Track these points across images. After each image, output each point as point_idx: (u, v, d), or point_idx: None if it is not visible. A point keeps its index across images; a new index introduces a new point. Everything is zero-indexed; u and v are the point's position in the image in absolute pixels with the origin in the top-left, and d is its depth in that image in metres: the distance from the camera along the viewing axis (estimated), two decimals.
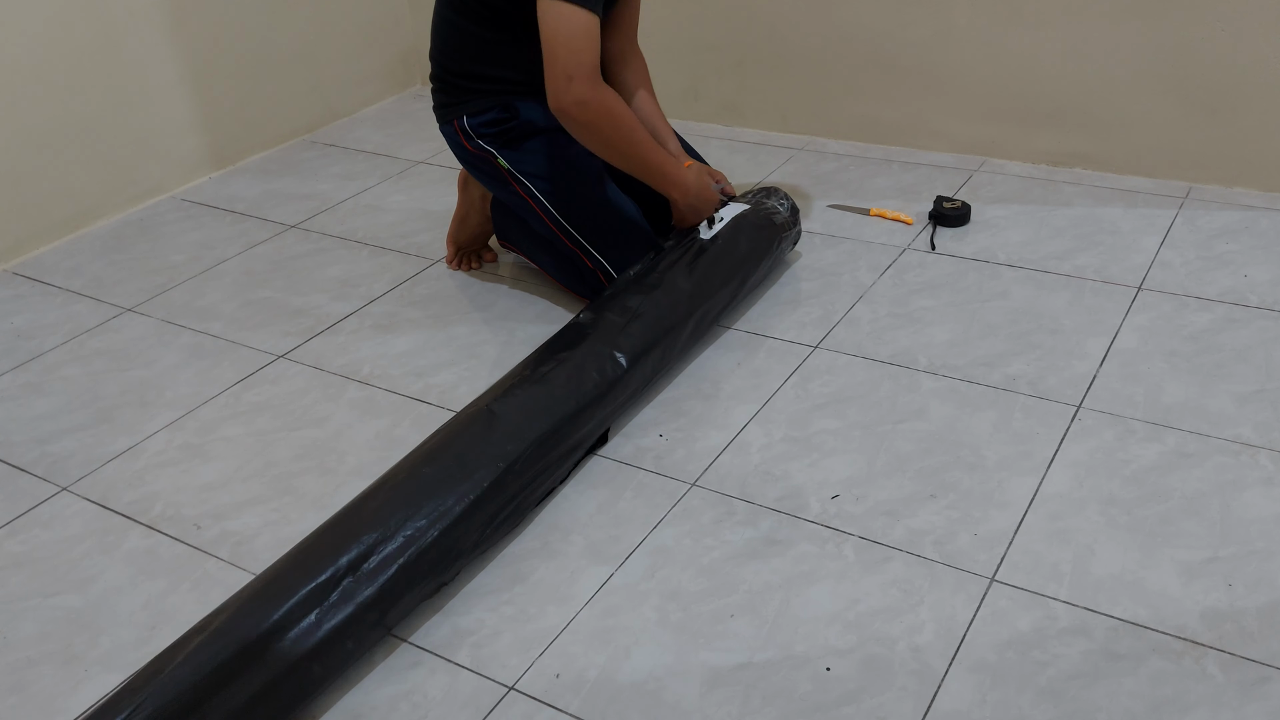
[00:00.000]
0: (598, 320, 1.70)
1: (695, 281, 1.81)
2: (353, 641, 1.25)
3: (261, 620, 1.21)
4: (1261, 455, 1.55)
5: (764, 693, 1.24)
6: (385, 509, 1.35)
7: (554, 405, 1.53)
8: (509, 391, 1.55)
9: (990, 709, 1.21)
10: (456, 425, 1.50)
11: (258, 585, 1.27)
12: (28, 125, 2.35)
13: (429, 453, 1.45)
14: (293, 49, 2.87)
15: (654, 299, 1.75)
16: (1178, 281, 1.99)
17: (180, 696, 1.14)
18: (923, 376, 1.77)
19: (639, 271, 1.83)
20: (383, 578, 1.28)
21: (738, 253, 1.91)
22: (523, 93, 1.91)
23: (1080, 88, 2.37)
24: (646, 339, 1.69)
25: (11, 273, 2.34)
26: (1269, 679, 1.22)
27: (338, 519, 1.36)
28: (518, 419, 1.49)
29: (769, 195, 2.06)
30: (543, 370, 1.59)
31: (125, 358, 1.99)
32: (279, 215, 2.52)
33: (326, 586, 1.25)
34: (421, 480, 1.39)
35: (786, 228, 2.03)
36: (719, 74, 2.77)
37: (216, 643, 1.19)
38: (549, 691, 1.27)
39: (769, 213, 2.01)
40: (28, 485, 1.68)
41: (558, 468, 1.53)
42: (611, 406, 1.63)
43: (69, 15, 2.37)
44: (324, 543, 1.31)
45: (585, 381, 1.59)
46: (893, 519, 1.48)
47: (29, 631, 1.41)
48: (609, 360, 1.63)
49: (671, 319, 1.75)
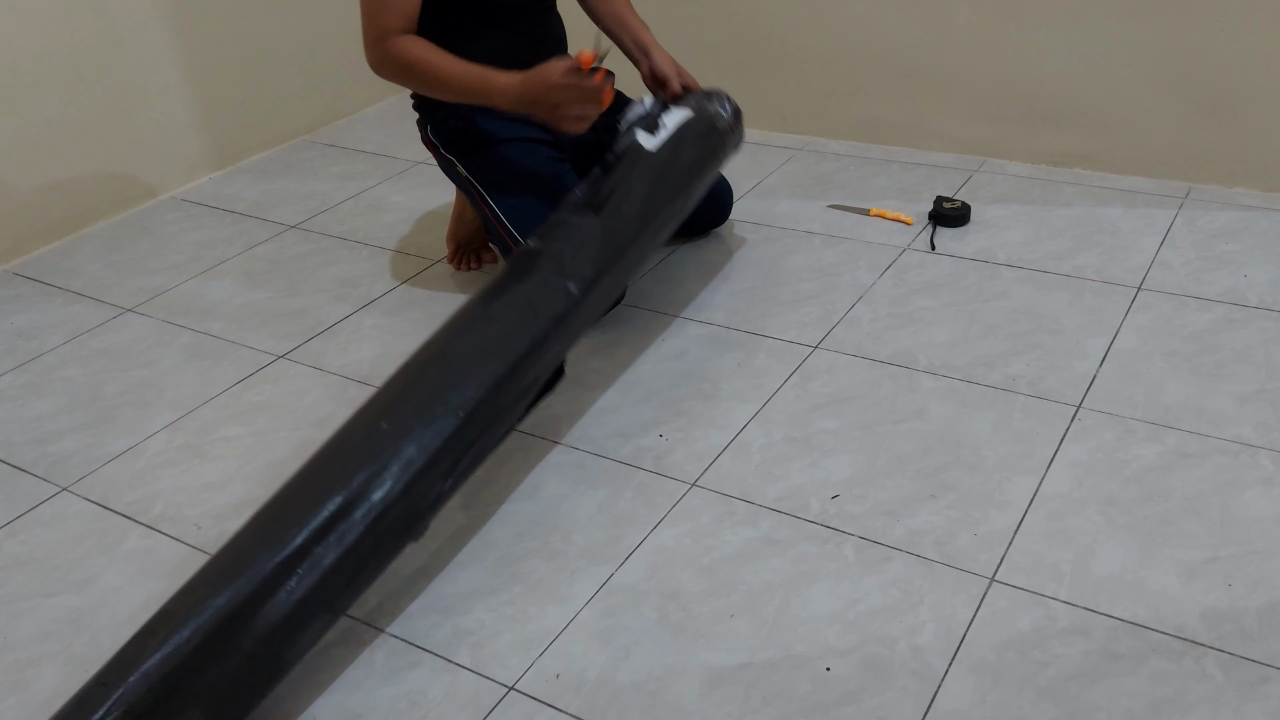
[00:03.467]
0: (546, 249, 1.62)
1: (642, 199, 1.74)
2: (325, 610, 1.22)
3: (234, 599, 1.16)
4: (1261, 455, 1.55)
5: (764, 693, 1.25)
6: (348, 469, 1.28)
7: (508, 344, 1.47)
8: (461, 333, 1.47)
9: (990, 709, 1.21)
10: (411, 373, 1.43)
11: (225, 563, 1.21)
12: (28, 125, 2.35)
13: (385, 406, 1.37)
14: (293, 49, 2.87)
15: (602, 221, 1.67)
16: (1177, 281, 1.99)
17: (154, 689, 1.10)
18: (923, 376, 1.77)
19: (585, 192, 1.75)
20: (350, 539, 1.23)
21: (682, 164, 1.83)
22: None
23: (1080, 88, 2.37)
24: (598, 264, 1.62)
25: (12, 273, 2.34)
26: (1269, 679, 1.22)
27: (300, 481, 1.30)
28: (473, 362, 1.43)
29: (710, 99, 1.98)
30: (494, 307, 1.52)
31: (125, 358, 1.99)
32: (279, 215, 2.52)
33: (295, 558, 1.20)
34: (382, 435, 1.32)
35: (729, 133, 1.96)
36: (719, 74, 2.77)
37: (189, 628, 1.14)
38: (549, 691, 1.27)
39: (711, 119, 1.93)
40: (28, 485, 1.68)
41: (517, 407, 1.48)
42: (567, 339, 1.57)
43: (70, 15, 2.37)
44: (288, 510, 1.25)
45: (539, 316, 1.52)
46: (893, 519, 1.48)
47: (29, 631, 1.41)
48: (561, 292, 1.57)
49: (621, 241, 1.68)
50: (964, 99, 2.51)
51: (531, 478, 1.61)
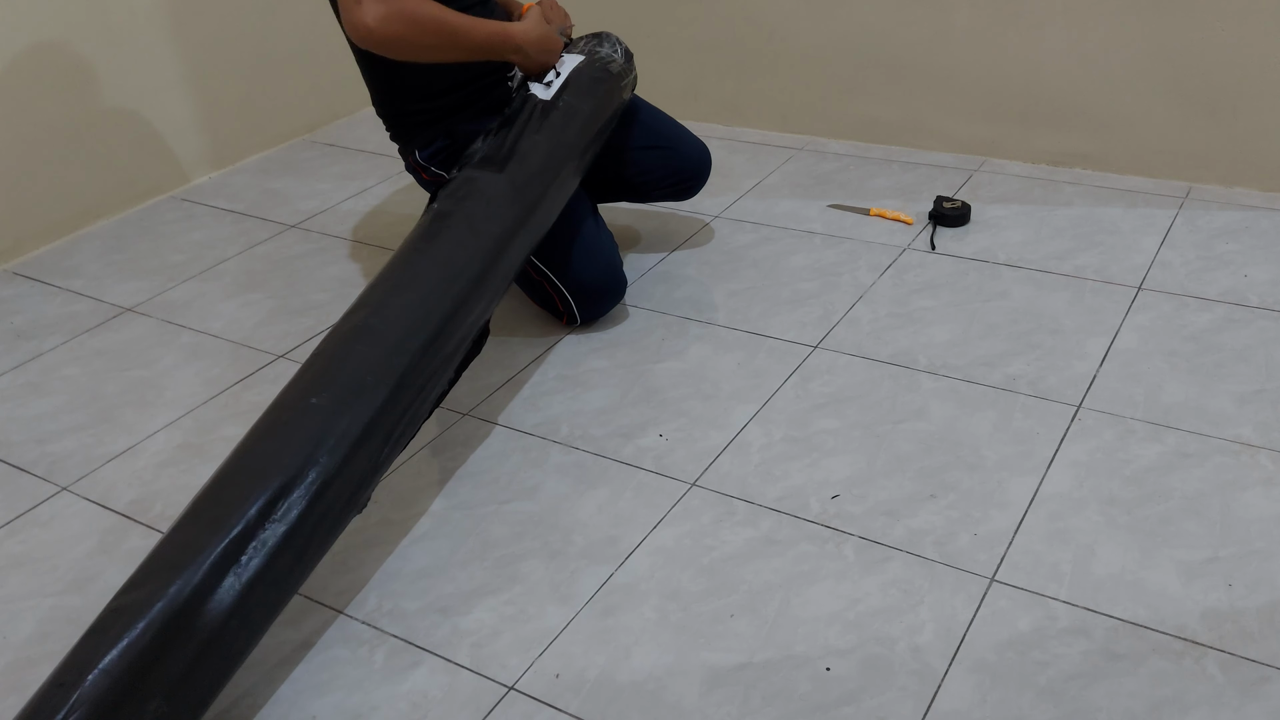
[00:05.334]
0: (458, 209, 1.61)
1: (547, 151, 1.73)
2: (276, 589, 1.21)
3: (183, 589, 1.14)
4: (1261, 455, 1.55)
5: (764, 693, 1.24)
6: (286, 447, 1.27)
7: (431, 309, 1.46)
8: (384, 302, 1.46)
9: (990, 709, 1.21)
10: (336, 347, 1.41)
11: (171, 553, 1.19)
12: (28, 125, 2.35)
13: (313, 382, 1.36)
14: (293, 49, 2.87)
15: (510, 177, 1.66)
16: (1178, 281, 1.99)
17: (115, 685, 1.08)
18: (923, 376, 1.77)
19: (489, 145, 1.73)
20: (294, 516, 1.22)
21: (583, 112, 1.82)
22: (458, 108, 1.91)
23: (1080, 88, 2.37)
24: (509, 221, 1.62)
25: (12, 272, 2.34)
26: (1269, 679, 1.22)
27: (238, 463, 1.28)
28: (399, 331, 1.42)
29: (601, 43, 1.97)
30: (414, 271, 1.51)
31: (125, 357, 1.99)
32: (279, 215, 2.52)
33: (240, 541, 1.19)
34: (313, 412, 1.31)
35: (624, 76, 1.96)
36: (719, 74, 2.77)
37: (139, 623, 1.12)
38: (549, 691, 1.27)
39: (604, 63, 1.92)
40: (28, 485, 1.68)
41: (444, 371, 1.48)
42: (489, 298, 1.57)
43: (70, 15, 2.37)
44: (228, 495, 1.23)
45: (458, 278, 1.51)
46: (893, 519, 1.48)
47: (29, 632, 1.41)
48: (478, 252, 1.56)
49: (530, 195, 1.67)
50: (964, 99, 2.51)
51: (531, 478, 1.61)
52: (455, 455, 1.67)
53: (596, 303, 1.93)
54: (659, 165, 2.08)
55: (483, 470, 1.63)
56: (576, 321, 1.95)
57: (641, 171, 2.07)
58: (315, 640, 1.36)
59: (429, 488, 1.61)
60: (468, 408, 1.78)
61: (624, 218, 2.34)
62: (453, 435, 1.72)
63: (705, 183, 2.16)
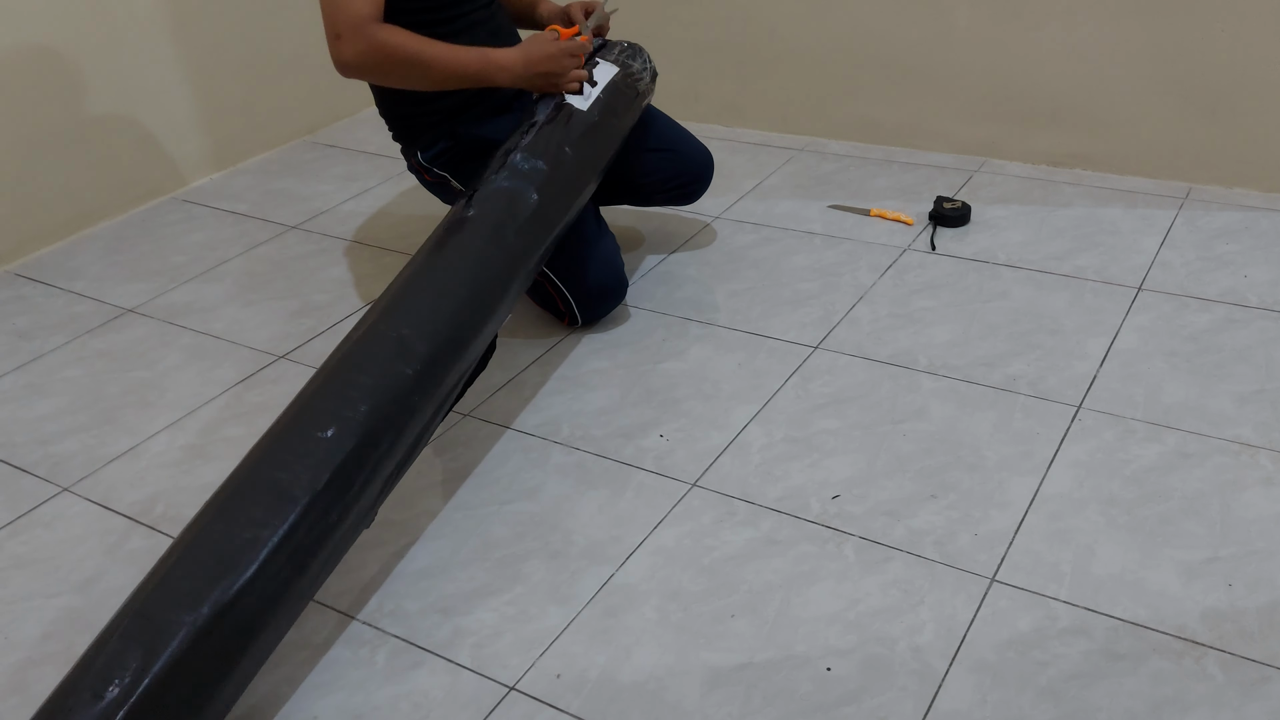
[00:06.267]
0: (488, 220, 1.58)
1: (581, 165, 1.73)
2: (285, 620, 1.20)
3: (215, 606, 1.12)
4: (1261, 455, 1.55)
5: (764, 693, 1.25)
6: (318, 472, 1.23)
7: (461, 327, 1.45)
8: (411, 308, 1.43)
9: (990, 709, 1.21)
10: (365, 360, 1.36)
11: (204, 557, 1.16)
12: (30, 126, 2.35)
13: (343, 387, 1.31)
14: (294, 50, 2.88)
15: (546, 191, 1.65)
16: (1178, 282, 1.99)
17: (151, 694, 1.07)
18: (923, 377, 1.77)
19: (525, 155, 1.69)
20: (322, 540, 1.21)
21: (616, 129, 1.83)
22: (461, 110, 1.91)
23: (1080, 88, 2.38)
24: (533, 241, 1.61)
25: (13, 274, 2.34)
26: (1269, 679, 1.22)
27: (260, 475, 1.23)
28: (429, 346, 1.39)
29: (634, 57, 1.98)
30: (438, 276, 1.49)
31: (127, 358, 2.00)
32: (280, 216, 2.53)
33: (275, 554, 1.16)
34: (344, 436, 1.27)
35: (645, 96, 1.97)
36: (719, 74, 2.77)
37: (178, 639, 1.10)
38: (550, 692, 1.27)
39: (634, 79, 1.93)
40: (29, 486, 1.68)
41: (458, 386, 1.47)
42: (505, 315, 1.57)
43: (70, 15, 2.37)
44: (255, 509, 1.19)
45: (485, 294, 1.50)
46: (893, 519, 1.48)
47: (31, 632, 1.41)
48: (504, 269, 1.55)
49: (561, 209, 1.67)
50: (964, 99, 2.51)
51: (532, 478, 1.62)
52: (456, 456, 1.68)
53: (598, 304, 1.93)
54: (661, 168, 2.08)
55: (484, 471, 1.64)
56: (578, 322, 1.95)
57: (644, 174, 2.07)
58: (317, 641, 1.36)
59: (430, 488, 1.61)
60: (469, 408, 1.78)
61: (625, 219, 2.34)
62: (454, 436, 1.72)
63: (707, 187, 2.16)
